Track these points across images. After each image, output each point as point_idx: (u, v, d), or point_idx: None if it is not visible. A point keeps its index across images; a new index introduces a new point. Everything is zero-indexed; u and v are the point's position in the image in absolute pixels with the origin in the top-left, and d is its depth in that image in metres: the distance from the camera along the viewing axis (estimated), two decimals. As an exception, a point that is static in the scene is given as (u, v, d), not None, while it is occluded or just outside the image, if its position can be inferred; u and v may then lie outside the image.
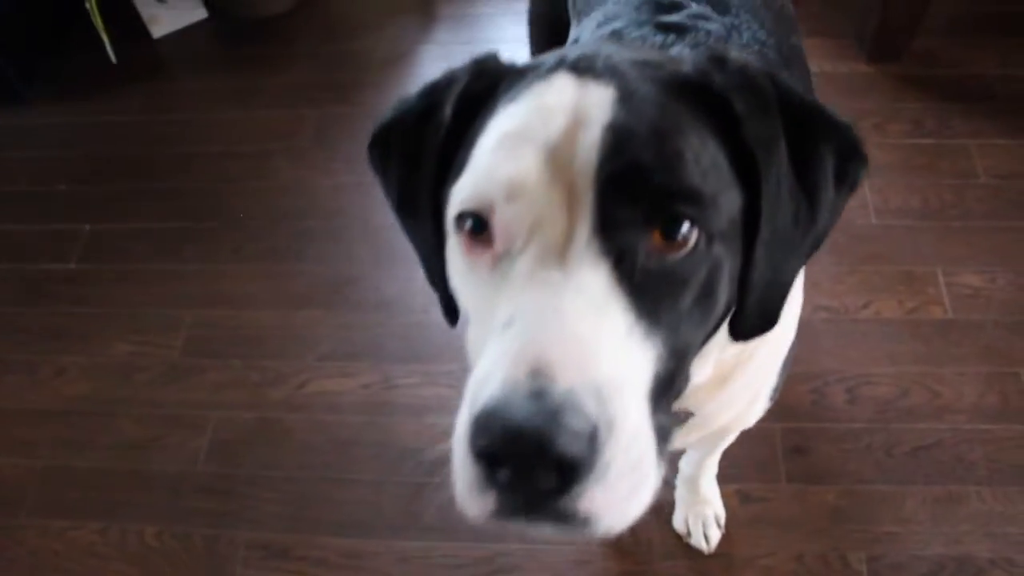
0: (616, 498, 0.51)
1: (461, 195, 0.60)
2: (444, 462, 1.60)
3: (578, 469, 0.48)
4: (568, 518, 0.50)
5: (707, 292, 0.59)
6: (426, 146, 0.67)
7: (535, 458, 0.47)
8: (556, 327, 0.51)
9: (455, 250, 0.63)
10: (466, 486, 0.52)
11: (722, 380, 0.79)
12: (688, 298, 0.57)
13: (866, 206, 1.79)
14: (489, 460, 0.49)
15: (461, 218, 0.60)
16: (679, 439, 0.89)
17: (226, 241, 1.91)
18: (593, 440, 0.48)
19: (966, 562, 1.39)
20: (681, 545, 1.42)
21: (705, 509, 1.41)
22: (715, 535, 1.41)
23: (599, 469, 0.49)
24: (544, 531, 0.52)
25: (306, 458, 1.57)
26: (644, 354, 0.54)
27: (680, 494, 1.42)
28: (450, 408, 1.69)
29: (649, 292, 0.55)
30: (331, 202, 1.94)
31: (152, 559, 1.51)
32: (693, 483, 1.38)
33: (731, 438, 1.14)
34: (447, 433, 1.66)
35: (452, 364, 1.62)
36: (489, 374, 0.51)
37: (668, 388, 0.58)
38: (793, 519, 1.44)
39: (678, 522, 1.43)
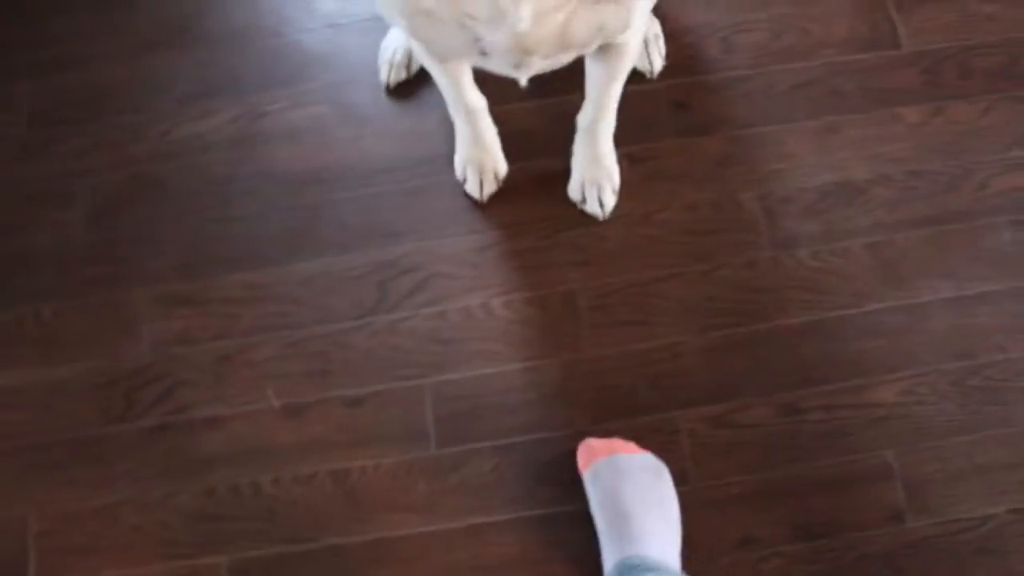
0: None
1: None
2: (330, 183, 1.56)
3: None
4: None
5: None
6: None
7: None
8: None
9: None
10: None
11: None
12: None
13: None
14: None
15: None
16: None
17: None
18: None
19: (848, 184, 1.45)
20: (577, 214, 1.44)
21: (600, 175, 1.41)
22: (610, 201, 1.43)
23: None
24: None
25: (186, 205, 1.51)
26: None
27: (577, 158, 1.42)
28: (323, 126, 1.64)
29: None
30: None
31: (58, 336, 1.46)
32: (591, 136, 1.36)
33: (624, 66, 1.16)
34: (324, 152, 1.61)
35: (315, 81, 1.56)
36: None
37: None
38: (683, 172, 1.46)
39: (573, 191, 1.44)
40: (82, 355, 1.45)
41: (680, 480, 1.30)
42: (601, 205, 1.42)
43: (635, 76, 1.49)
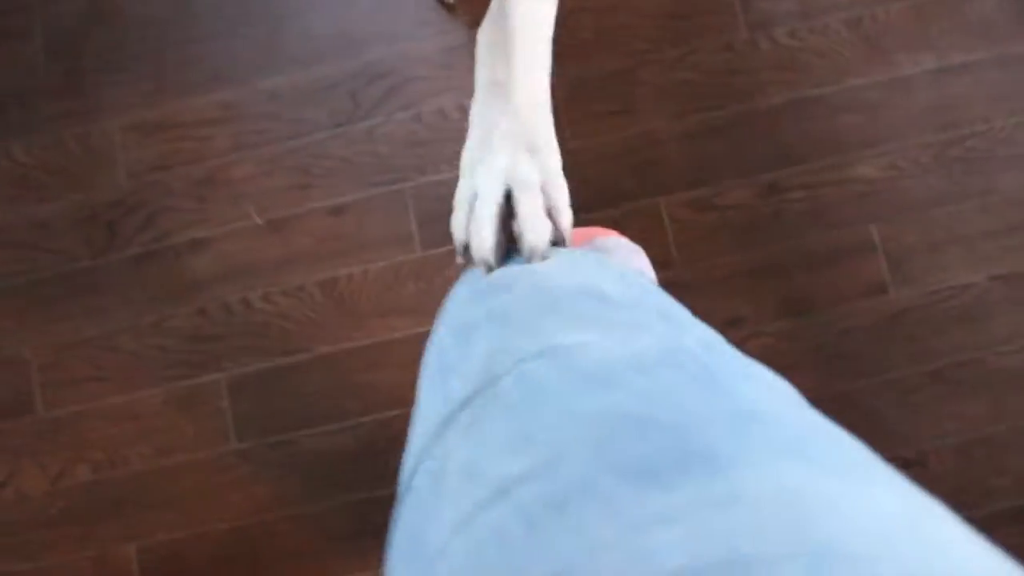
0: None
1: None
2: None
3: None
4: None
5: None
6: None
7: None
8: None
9: None
10: None
11: None
12: None
13: None
14: None
15: None
16: None
17: None
18: None
19: None
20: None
21: None
22: None
23: None
24: None
25: (147, 30, 1.46)
26: None
27: None
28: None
29: None
30: None
31: (33, 174, 1.45)
32: None
33: None
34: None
35: None
36: None
37: None
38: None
39: None
40: (59, 190, 1.44)
41: (664, 265, 1.31)
42: None
43: None
